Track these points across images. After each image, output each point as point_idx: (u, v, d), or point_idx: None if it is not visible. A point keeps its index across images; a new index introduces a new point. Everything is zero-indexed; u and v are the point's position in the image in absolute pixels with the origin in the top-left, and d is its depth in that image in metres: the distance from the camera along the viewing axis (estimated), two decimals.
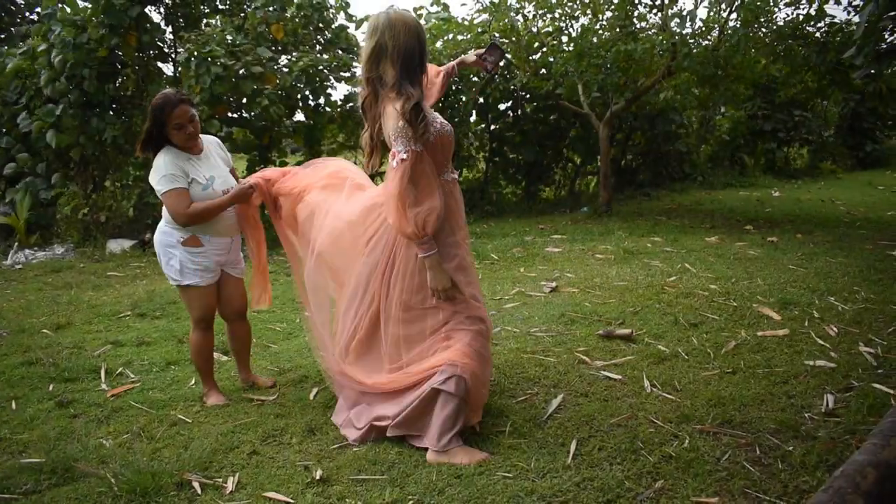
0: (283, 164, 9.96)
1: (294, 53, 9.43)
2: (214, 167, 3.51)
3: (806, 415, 3.13)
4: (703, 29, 9.65)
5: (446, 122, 3.05)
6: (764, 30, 9.49)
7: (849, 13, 9.24)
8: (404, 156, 2.81)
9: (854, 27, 7.71)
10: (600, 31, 9.73)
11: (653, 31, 9.71)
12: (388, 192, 2.88)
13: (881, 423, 2.66)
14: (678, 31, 9.18)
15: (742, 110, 14.70)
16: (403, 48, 2.86)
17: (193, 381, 3.92)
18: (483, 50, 3.41)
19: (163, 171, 3.33)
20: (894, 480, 2.32)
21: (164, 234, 3.49)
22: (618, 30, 9.49)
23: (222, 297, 3.67)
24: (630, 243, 7.49)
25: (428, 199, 2.87)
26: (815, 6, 9.25)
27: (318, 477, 2.77)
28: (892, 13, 6.13)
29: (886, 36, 6.88)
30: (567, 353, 4.05)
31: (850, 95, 15.61)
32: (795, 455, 2.76)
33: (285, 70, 9.04)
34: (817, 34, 9.44)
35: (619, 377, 3.64)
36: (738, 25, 9.13)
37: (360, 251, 3.15)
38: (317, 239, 3.29)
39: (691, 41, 9.15)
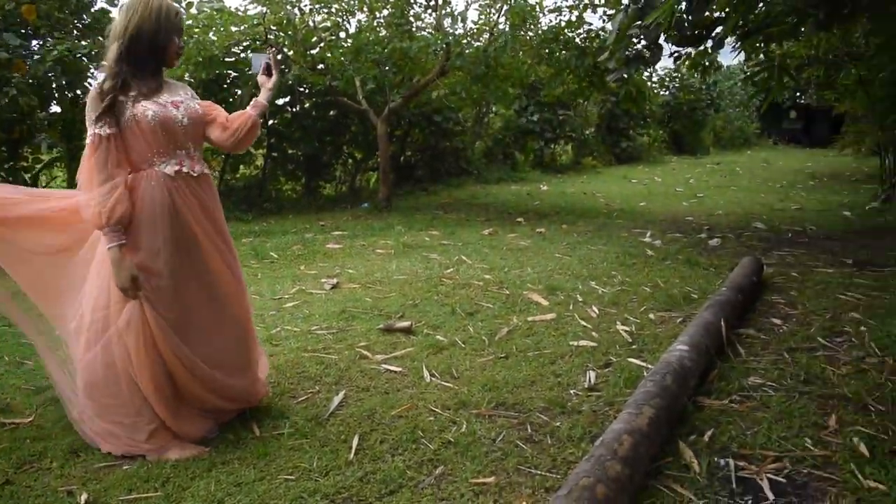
0: (38, 160, 9.06)
1: (49, 39, 8.58)
2: None
3: (571, 391, 3.36)
4: (476, 30, 10.08)
5: (166, 108, 2.84)
6: (531, 33, 10.08)
7: (603, 21, 10.04)
8: (90, 138, 2.70)
9: (607, 34, 8.40)
10: (377, 28, 9.83)
11: (428, 30, 9.97)
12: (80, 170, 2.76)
13: (635, 393, 2.91)
14: (451, 31, 9.51)
15: (512, 109, 15.52)
16: (135, 28, 2.72)
17: None
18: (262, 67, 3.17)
19: None
20: (646, 445, 2.54)
21: None
22: (394, 27, 9.64)
23: None
24: (409, 237, 7.63)
25: (111, 188, 2.69)
26: (575, 14, 9.97)
27: (83, 502, 2.53)
28: (639, 23, 6.71)
29: (635, 42, 7.53)
30: (348, 349, 4.03)
31: (606, 97, 17.02)
32: (563, 430, 2.94)
33: (37, 57, 8.19)
34: (577, 39, 10.17)
35: (400, 369, 3.68)
36: (506, 28, 9.63)
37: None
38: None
39: (464, 41, 9.51)
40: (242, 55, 10.04)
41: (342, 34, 10.10)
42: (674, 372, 3.08)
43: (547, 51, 10.11)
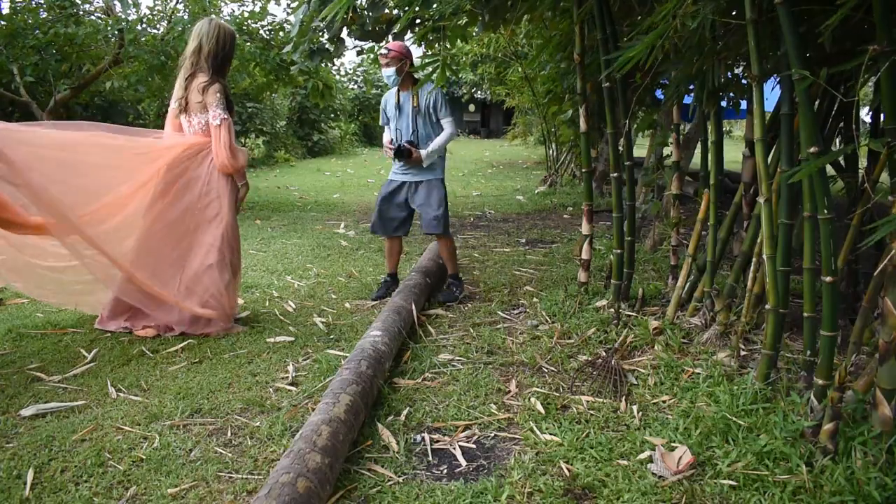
0: None
1: None
2: None
3: (270, 389, 3.30)
4: (152, 17, 9.46)
5: None
6: None
7: (287, 13, 9.98)
8: (225, 116, 3.88)
9: (291, 26, 8.35)
10: (37, 10, 8.80)
11: (97, 14, 9.16)
12: (221, 138, 3.89)
13: (332, 382, 2.93)
14: (124, 16, 8.83)
15: None
16: (220, 51, 3.95)
17: None
18: None
19: None
20: (345, 432, 2.57)
21: None
22: (57, 10, 8.69)
23: None
24: None
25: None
26: (259, 5, 9.77)
27: None
28: (321, 16, 6.75)
29: (318, 35, 7.58)
30: (17, 372, 3.56)
31: (296, 90, 17.00)
32: (262, 429, 2.88)
33: None
34: (261, 31, 9.99)
35: (81, 388, 3.34)
36: (185, 16, 9.16)
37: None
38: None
39: (139, 28, 8.88)
40: None
41: None
42: (369, 357, 3.16)
43: None
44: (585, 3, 4.14)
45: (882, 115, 2.61)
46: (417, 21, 5.14)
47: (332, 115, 21.26)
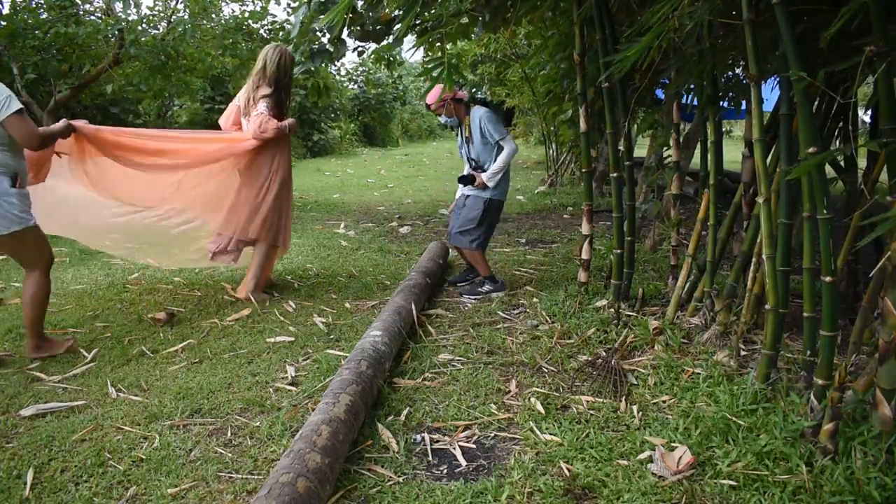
0: None
1: None
2: None
3: (270, 389, 3.29)
4: (152, 17, 9.46)
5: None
6: (212, 23, 9.70)
7: (287, 13, 9.98)
8: (265, 112, 4.55)
9: (292, 26, 8.35)
10: (37, 10, 8.81)
11: (97, 14, 9.16)
12: (257, 117, 4.59)
13: (332, 383, 2.93)
14: (124, 16, 8.83)
15: (198, 102, 14.85)
16: (277, 71, 4.65)
17: None
18: None
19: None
20: (345, 432, 2.57)
21: None
22: (57, 10, 8.70)
23: None
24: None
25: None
26: (259, 5, 9.78)
27: None
28: (321, 17, 6.76)
29: (319, 36, 7.59)
30: (17, 372, 3.56)
31: (295, 90, 16.96)
32: (262, 429, 2.88)
33: None
34: (262, 31, 10.00)
35: (81, 388, 3.35)
36: (186, 16, 9.17)
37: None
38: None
39: (139, 28, 8.88)
40: None
41: None
42: (369, 357, 3.16)
43: (231, 41, 9.80)
44: (585, 4, 4.14)
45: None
46: (418, 22, 5.15)
47: (332, 115, 21.24)
